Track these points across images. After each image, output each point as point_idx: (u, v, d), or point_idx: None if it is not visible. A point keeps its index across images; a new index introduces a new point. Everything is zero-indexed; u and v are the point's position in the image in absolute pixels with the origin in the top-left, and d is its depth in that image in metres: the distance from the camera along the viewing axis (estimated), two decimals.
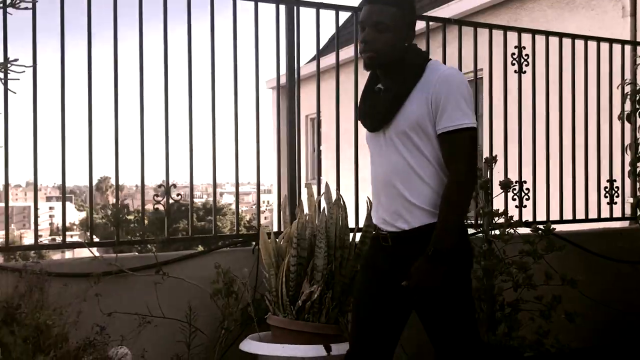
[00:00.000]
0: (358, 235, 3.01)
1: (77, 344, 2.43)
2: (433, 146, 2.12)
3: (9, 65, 2.62)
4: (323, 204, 2.93)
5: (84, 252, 3.04)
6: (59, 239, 3.05)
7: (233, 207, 3.92)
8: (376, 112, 2.20)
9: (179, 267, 3.15)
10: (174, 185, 3.22)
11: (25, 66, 2.58)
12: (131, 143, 3.12)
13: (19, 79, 2.57)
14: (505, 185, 3.49)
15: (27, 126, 2.92)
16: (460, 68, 3.91)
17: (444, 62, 3.89)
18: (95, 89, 3.07)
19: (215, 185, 3.40)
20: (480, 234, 3.51)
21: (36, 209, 3.04)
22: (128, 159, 3.18)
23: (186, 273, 3.14)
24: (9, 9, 2.54)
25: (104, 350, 2.44)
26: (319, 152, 3.76)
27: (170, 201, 3.25)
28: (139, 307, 2.97)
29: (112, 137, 3.07)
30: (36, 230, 3.04)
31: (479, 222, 3.60)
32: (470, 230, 3.62)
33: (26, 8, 2.68)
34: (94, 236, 3.19)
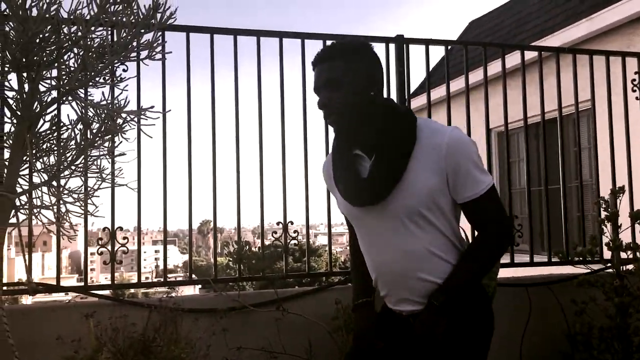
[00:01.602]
0: None
1: None
2: (446, 218, 1.89)
3: (142, 112, 2.84)
4: None
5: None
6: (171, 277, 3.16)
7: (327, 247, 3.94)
8: (366, 184, 1.88)
9: (298, 304, 3.19)
10: (291, 222, 3.31)
11: (159, 112, 2.78)
12: (230, 188, 3.24)
13: (154, 124, 2.77)
14: (636, 216, 3.28)
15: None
16: (576, 98, 3.79)
17: (559, 92, 3.78)
18: (193, 136, 3.21)
19: (330, 225, 3.45)
20: (610, 270, 3.30)
21: (139, 247, 3.21)
22: (226, 203, 3.29)
23: (304, 309, 3.17)
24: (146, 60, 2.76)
25: None
26: None
27: (288, 239, 3.31)
28: (261, 342, 3.03)
29: (210, 182, 3.20)
30: (139, 267, 3.20)
31: (601, 256, 3.40)
32: (599, 266, 3.43)
33: (160, 59, 2.91)
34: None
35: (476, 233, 1.97)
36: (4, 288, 2.79)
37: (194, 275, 3.32)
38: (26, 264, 2.81)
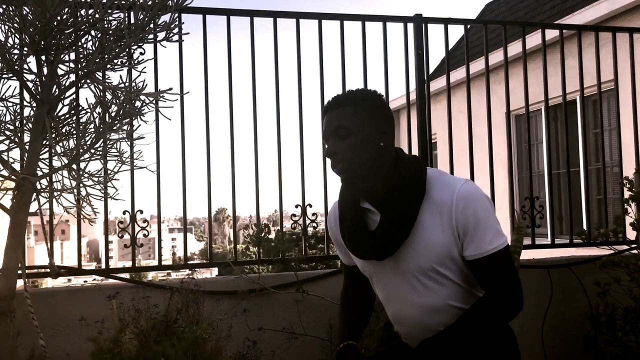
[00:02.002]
0: None
1: (230, 358, 2.51)
2: (461, 269, 1.81)
3: (160, 95, 2.83)
4: None
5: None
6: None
7: None
8: (375, 239, 1.82)
9: (318, 286, 3.19)
10: (310, 205, 3.30)
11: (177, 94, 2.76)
12: (245, 175, 3.23)
13: (172, 107, 2.76)
14: None
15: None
16: (598, 77, 3.72)
17: (580, 72, 3.71)
18: (211, 118, 3.20)
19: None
20: (635, 250, 3.25)
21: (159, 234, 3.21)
22: (241, 191, 3.30)
23: (325, 292, 3.16)
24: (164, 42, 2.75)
25: None
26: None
27: (307, 221, 3.30)
28: (281, 323, 3.04)
29: (226, 167, 3.22)
30: (159, 251, 3.21)
31: (624, 236, 3.35)
32: (623, 247, 3.38)
33: (177, 41, 2.90)
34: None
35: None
36: (27, 271, 2.82)
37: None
38: (48, 247, 2.83)
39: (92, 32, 2.68)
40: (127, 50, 2.73)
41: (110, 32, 2.68)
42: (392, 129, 1.85)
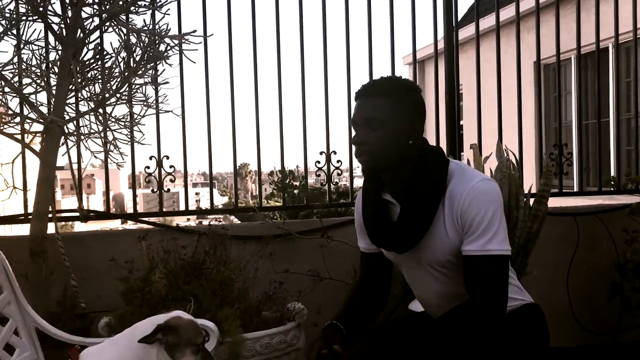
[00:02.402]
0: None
1: (257, 298, 2.55)
2: None
3: (184, 37, 2.81)
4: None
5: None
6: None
7: None
8: (395, 232, 1.80)
9: (342, 232, 3.20)
10: (334, 152, 3.29)
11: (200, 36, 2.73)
12: (269, 126, 3.22)
13: (196, 49, 2.74)
14: None
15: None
16: (635, 22, 3.60)
17: (616, 18, 3.58)
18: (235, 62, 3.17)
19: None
20: None
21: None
22: (265, 145, 3.30)
23: (349, 237, 3.16)
24: None
25: (282, 305, 2.54)
26: (460, 126, 3.61)
27: (332, 168, 3.30)
28: (306, 267, 3.07)
29: (250, 122, 3.19)
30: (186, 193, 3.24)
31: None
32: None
33: None
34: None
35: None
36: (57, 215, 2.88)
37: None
38: (77, 190, 2.87)
39: None
40: None
41: None
42: (423, 124, 1.80)
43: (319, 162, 3.28)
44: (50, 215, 2.71)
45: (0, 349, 1.62)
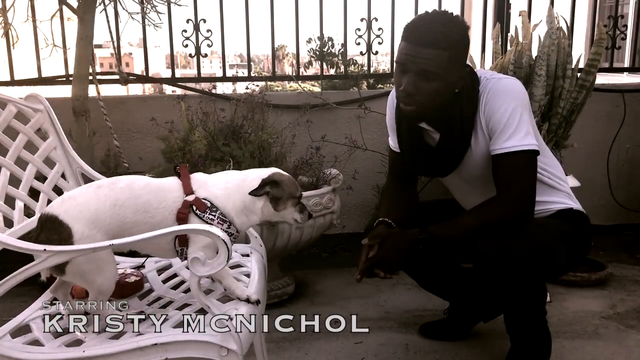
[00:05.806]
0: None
1: (294, 163, 2.59)
2: None
3: None
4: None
5: None
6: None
7: None
8: (434, 159, 1.83)
9: (379, 103, 3.16)
10: (376, 19, 3.17)
11: None
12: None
13: None
14: None
15: None
16: None
17: None
18: None
19: None
20: None
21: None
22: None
23: (386, 109, 3.14)
24: None
25: (318, 170, 2.58)
26: None
27: (372, 36, 3.19)
28: (343, 136, 3.08)
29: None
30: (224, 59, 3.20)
31: None
32: None
33: None
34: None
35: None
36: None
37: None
38: (116, 53, 2.87)
39: None
40: None
41: None
42: (467, 67, 1.75)
43: (359, 29, 3.18)
44: (90, 78, 2.73)
45: (49, 190, 1.69)
